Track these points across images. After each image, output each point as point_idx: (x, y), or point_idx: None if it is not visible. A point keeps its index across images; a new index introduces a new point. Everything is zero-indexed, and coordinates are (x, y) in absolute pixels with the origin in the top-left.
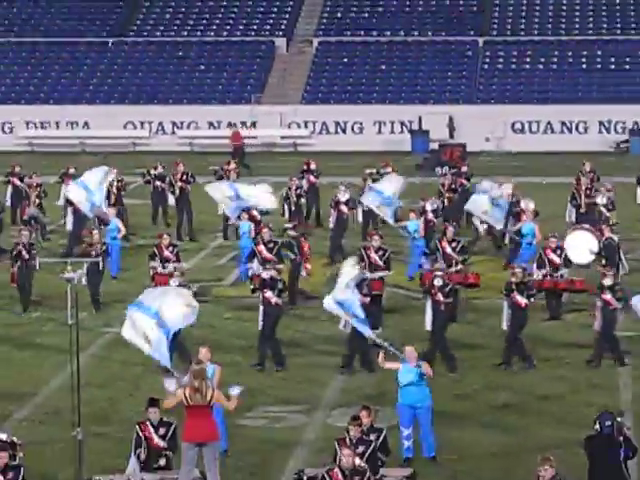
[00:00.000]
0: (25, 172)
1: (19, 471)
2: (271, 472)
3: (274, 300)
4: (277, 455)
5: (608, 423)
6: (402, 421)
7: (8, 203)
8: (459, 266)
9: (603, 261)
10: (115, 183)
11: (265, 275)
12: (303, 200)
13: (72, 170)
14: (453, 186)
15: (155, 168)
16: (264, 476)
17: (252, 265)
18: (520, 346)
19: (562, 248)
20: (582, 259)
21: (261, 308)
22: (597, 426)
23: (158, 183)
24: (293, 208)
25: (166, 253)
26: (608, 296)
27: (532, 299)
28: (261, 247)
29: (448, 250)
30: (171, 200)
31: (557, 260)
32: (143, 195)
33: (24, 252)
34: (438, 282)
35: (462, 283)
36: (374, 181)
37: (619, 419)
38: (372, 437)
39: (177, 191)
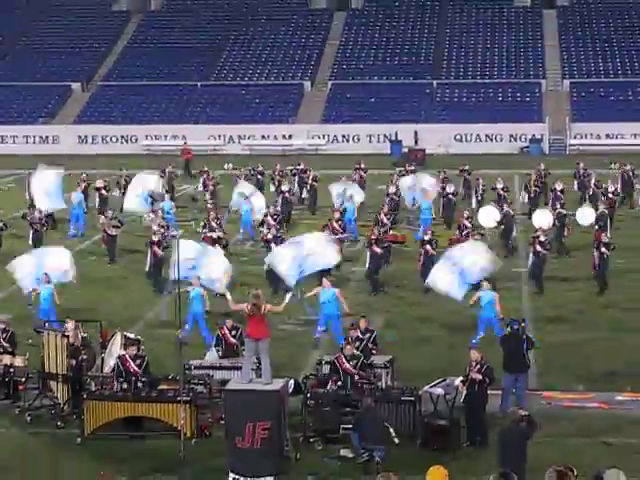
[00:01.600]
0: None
1: (144, 359)
2: (301, 358)
3: None
4: (306, 348)
5: (516, 326)
6: (320, 322)
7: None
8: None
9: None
10: (211, 179)
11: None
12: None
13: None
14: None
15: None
16: (299, 360)
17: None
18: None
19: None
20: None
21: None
22: (509, 328)
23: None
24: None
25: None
26: (538, 246)
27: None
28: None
29: (385, 220)
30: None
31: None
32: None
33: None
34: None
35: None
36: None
37: (523, 324)
38: (366, 336)
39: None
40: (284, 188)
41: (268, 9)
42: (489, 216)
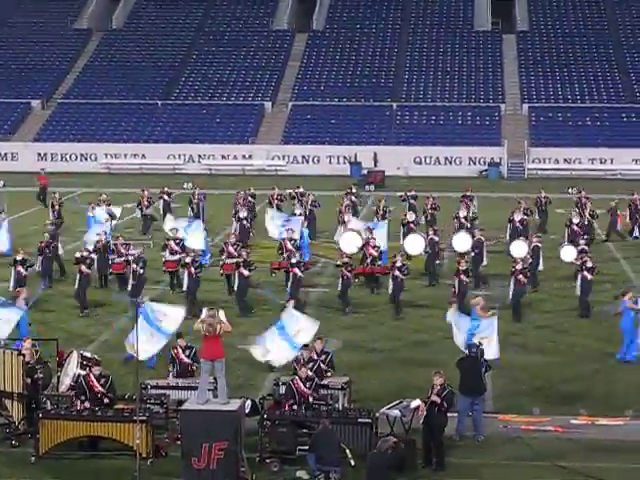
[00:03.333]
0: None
1: (109, 378)
2: (258, 378)
3: None
4: (263, 368)
5: (474, 349)
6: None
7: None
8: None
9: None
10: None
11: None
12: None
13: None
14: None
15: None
16: (255, 381)
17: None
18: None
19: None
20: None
21: None
22: (467, 351)
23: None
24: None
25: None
26: (462, 276)
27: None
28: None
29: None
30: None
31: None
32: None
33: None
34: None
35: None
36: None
37: (481, 346)
38: (322, 358)
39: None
40: (241, 215)
41: (230, 29)
42: (415, 245)
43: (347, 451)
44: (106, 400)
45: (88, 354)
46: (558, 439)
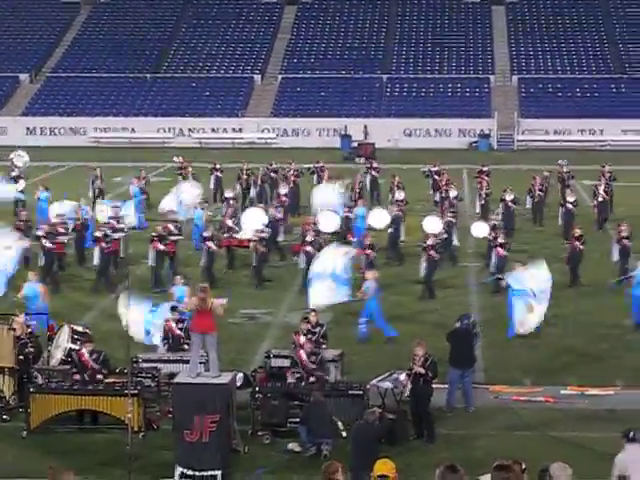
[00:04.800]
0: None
1: (101, 353)
2: (250, 352)
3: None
4: (254, 342)
5: (466, 321)
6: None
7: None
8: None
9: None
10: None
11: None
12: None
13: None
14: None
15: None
16: (246, 354)
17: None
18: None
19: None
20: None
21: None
22: (458, 323)
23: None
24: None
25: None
26: (431, 251)
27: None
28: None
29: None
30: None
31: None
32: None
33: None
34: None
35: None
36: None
37: (473, 318)
38: (317, 329)
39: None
40: (227, 194)
41: (219, 2)
42: (379, 218)
43: (339, 423)
44: (99, 376)
45: (79, 328)
46: (549, 409)
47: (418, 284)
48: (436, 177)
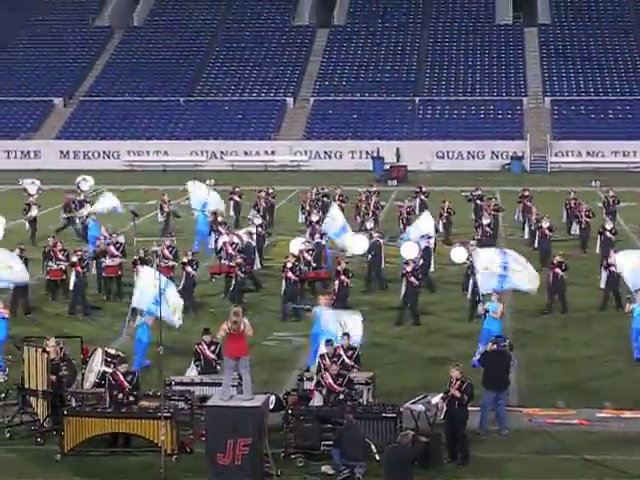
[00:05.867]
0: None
1: (135, 374)
2: (284, 373)
3: None
4: (287, 363)
5: (503, 343)
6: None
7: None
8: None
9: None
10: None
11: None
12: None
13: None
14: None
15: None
16: (280, 376)
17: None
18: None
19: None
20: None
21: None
22: (494, 345)
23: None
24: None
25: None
26: (411, 278)
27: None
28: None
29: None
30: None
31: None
32: None
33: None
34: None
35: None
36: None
37: (508, 341)
38: (348, 354)
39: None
40: (313, 218)
41: (251, 25)
42: (358, 244)
43: (372, 446)
44: (132, 398)
45: (112, 351)
46: (584, 432)
47: (396, 310)
48: (478, 202)
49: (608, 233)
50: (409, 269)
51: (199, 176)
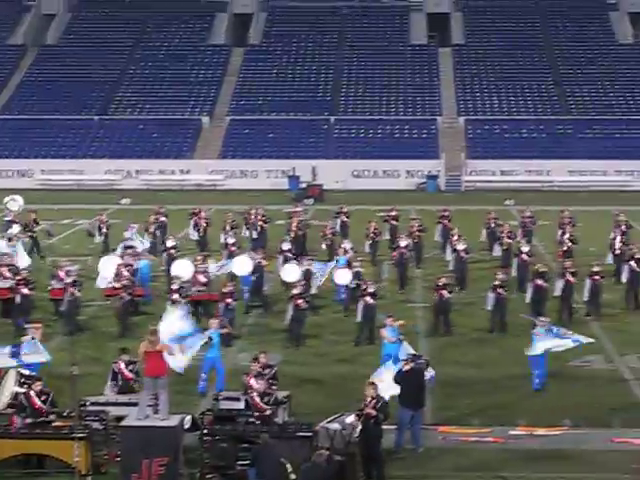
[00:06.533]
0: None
1: (50, 395)
2: (197, 394)
3: None
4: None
5: (420, 362)
6: None
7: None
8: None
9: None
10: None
11: None
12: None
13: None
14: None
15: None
16: (194, 397)
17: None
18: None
19: None
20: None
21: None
22: (411, 364)
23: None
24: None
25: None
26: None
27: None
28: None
29: None
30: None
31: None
32: None
33: None
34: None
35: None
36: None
37: (423, 360)
38: (266, 371)
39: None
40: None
41: (167, 44)
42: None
43: (287, 465)
44: (43, 418)
45: (27, 372)
46: (497, 450)
47: (284, 332)
48: (393, 222)
49: (524, 256)
50: (296, 292)
51: (113, 195)
